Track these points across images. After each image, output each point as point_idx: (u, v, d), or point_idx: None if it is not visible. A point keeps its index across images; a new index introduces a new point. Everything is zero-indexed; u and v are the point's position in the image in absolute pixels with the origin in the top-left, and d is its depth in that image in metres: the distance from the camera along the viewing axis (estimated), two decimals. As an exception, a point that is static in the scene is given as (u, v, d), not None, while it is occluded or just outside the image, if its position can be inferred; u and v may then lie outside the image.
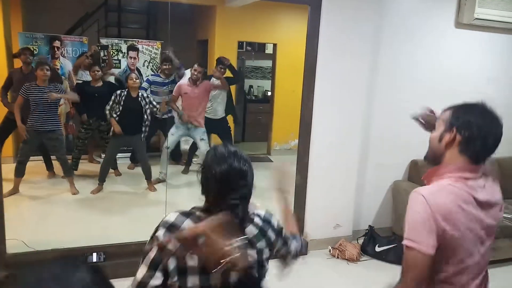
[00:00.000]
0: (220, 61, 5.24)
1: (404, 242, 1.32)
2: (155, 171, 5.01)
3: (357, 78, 3.58)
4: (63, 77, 5.32)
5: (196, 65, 4.97)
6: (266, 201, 1.53)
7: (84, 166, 5.32)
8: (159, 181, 5.00)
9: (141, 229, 3.69)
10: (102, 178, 4.69)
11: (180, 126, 5.02)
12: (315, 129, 3.58)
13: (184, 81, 5.05)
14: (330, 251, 3.71)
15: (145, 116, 4.63)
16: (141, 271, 1.22)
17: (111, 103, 4.54)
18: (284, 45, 6.52)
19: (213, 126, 5.36)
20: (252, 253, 1.33)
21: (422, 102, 3.88)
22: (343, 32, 3.46)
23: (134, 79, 4.57)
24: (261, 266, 1.37)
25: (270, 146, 7.02)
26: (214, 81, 5.24)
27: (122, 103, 4.52)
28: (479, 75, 4.13)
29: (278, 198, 1.62)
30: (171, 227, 1.26)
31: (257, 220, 1.39)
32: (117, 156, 5.12)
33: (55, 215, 4.12)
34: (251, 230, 1.35)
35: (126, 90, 4.59)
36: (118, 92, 4.58)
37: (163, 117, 5.35)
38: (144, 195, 4.83)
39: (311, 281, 3.32)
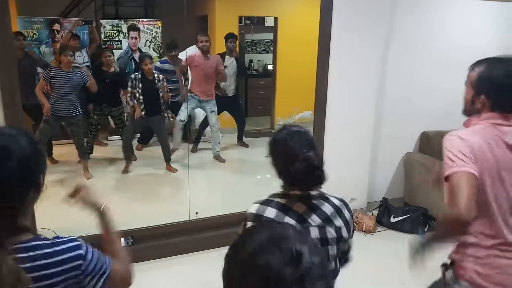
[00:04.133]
0: (230, 35, 5.30)
1: (446, 173, 1.40)
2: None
3: (370, 52, 3.59)
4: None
5: (200, 36, 4.91)
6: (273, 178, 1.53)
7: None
8: (173, 151, 4.98)
9: (164, 211, 3.80)
10: (128, 157, 4.73)
11: (191, 99, 5.00)
12: (330, 106, 3.61)
13: (196, 52, 4.99)
14: (346, 223, 3.82)
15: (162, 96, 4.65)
16: None
17: (130, 89, 4.50)
18: (286, 18, 6.44)
19: (223, 103, 5.37)
20: (331, 230, 1.40)
21: (433, 75, 3.97)
22: (356, 7, 3.44)
23: (149, 64, 4.50)
24: (339, 243, 1.43)
25: (274, 121, 7.04)
26: (228, 59, 5.28)
27: (140, 86, 4.50)
28: (491, 46, 4.13)
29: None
30: (256, 217, 1.39)
31: (333, 200, 1.47)
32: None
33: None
34: (328, 208, 1.43)
35: (140, 73, 4.54)
36: (133, 76, 4.54)
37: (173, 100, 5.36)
38: (163, 176, 4.88)
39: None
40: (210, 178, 5.04)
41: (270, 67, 7.43)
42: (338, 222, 1.43)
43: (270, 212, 1.38)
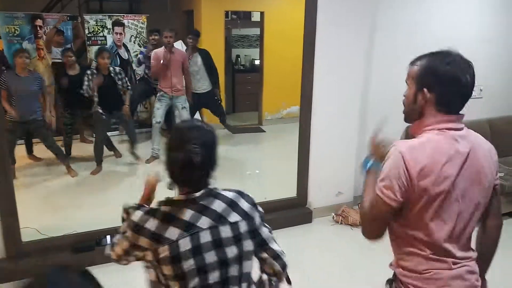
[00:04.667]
0: (190, 32, 5.36)
1: (376, 188, 1.39)
2: (148, 147, 5.04)
3: (356, 48, 3.59)
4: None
5: (166, 31, 4.87)
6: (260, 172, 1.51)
7: (78, 146, 5.27)
8: (154, 158, 4.98)
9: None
10: (98, 159, 4.64)
11: (162, 98, 4.97)
12: (316, 101, 3.61)
13: (160, 48, 4.92)
14: (333, 217, 3.84)
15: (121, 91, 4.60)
16: None
17: (86, 83, 4.37)
18: (272, 13, 6.43)
19: (201, 100, 5.35)
20: (225, 229, 1.29)
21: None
22: (342, 1, 3.44)
23: (106, 59, 4.43)
24: (239, 242, 1.31)
25: (262, 116, 7.04)
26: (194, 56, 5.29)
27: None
28: (476, 38, 4.18)
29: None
30: (136, 227, 1.29)
31: (225, 194, 1.36)
32: (110, 137, 5.09)
33: (61, 199, 4.11)
34: (218, 205, 1.32)
35: (96, 68, 4.45)
36: (89, 72, 4.40)
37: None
38: (148, 171, 4.82)
39: (318, 247, 3.46)
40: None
41: (257, 62, 7.41)
42: (234, 217, 1.31)
43: (151, 224, 1.26)
